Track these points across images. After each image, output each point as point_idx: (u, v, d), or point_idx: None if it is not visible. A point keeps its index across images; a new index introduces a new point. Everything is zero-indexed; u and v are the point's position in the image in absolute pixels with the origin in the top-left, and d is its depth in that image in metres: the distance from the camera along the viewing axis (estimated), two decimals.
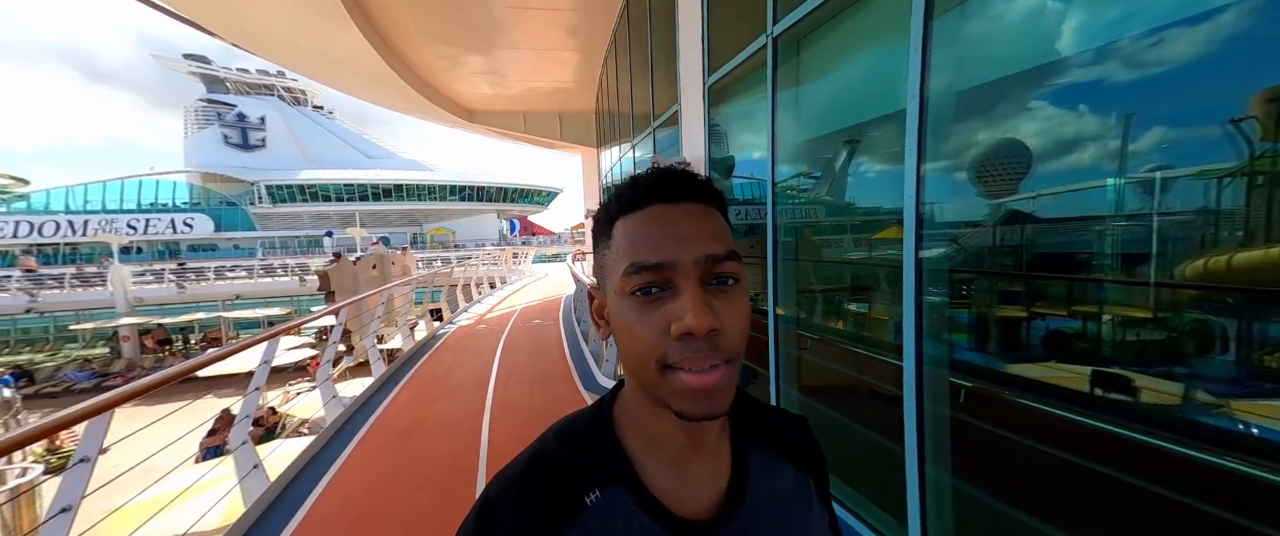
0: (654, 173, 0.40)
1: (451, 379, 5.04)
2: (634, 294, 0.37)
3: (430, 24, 6.50)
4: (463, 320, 8.44)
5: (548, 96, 9.75)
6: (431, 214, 41.32)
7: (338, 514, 2.53)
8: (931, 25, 1.47)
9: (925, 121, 1.48)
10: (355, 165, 41.17)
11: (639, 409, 0.41)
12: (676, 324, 0.35)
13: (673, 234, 0.37)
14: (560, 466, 0.41)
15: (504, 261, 15.34)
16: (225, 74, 41.82)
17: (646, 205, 0.39)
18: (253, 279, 17.75)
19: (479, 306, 9.92)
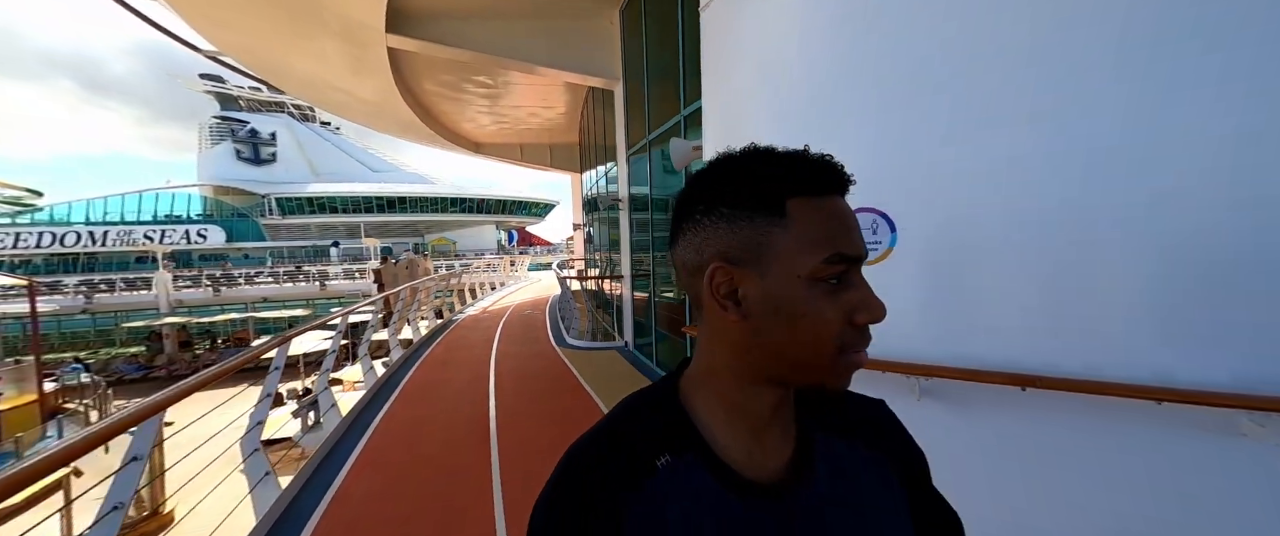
0: (821, 158, 0.39)
1: (469, 339, 7.31)
2: (823, 281, 0.37)
3: (450, 82, 8.72)
4: (470, 311, 10.63)
5: (540, 133, 12.04)
6: (433, 225, 43.47)
7: (397, 432, 4.70)
8: (655, 149, 3.67)
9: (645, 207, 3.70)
10: (361, 178, 43.38)
11: (727, 384, 0.42)
12: (865, 313, 0.37)
13: (855, 227, 0.38)
14: (633, 432, 0.43)
15: (502, 268, 17.49)
16: (238, 92, 44.17)
17: (827, 193, 0.38)
18: (278, 284, 19.82)
19: (483, 302, 12.13)
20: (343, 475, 3.07)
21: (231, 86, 43.95)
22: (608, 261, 8.68)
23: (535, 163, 13.19)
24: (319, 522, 2.54)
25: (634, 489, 0.40)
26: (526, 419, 3.99)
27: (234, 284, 19.41)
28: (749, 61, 2.28)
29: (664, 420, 0.43)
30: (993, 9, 1.55)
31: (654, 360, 5.53)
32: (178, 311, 18.17)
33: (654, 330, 5.73)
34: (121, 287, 18.27)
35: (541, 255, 40.24)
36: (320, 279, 20.01)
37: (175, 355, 17.55)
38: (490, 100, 9.56)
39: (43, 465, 1.28)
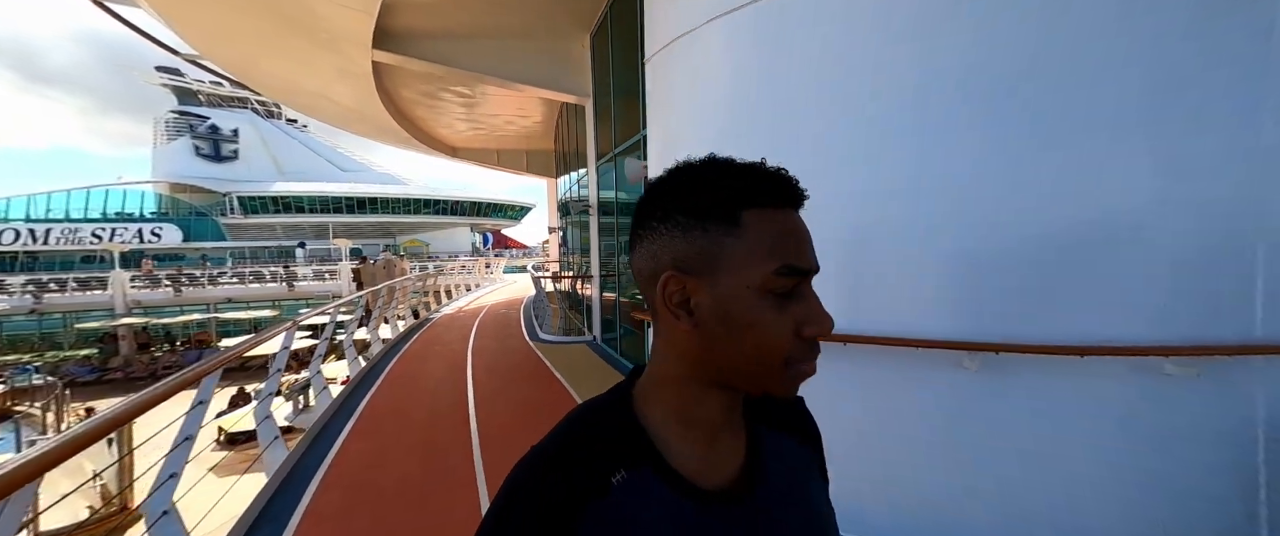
0: (777, 171, 0.39)
1: (446, 336, 7.72)
2: (773, 292, 0.37)
3: (429, 91, 9.11)
4: (446, 310, 10.96)
5: (517, 139, 12.49)
6: (405, 226, 42.81)
7: (384, 410, 5.14)
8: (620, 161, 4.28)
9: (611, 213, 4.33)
10: (329, 178, 42.36)
11: (680, 392, 0.41)
12: (812, 327, 0.37)
13: (808, 240, 0.39)
14: (584, 449, 0.41)
15: (477, 270, 17.73)
16: (197, 87, 42.48)
17: (780, 205, 0.38)
18: (244, 284, 19.40)
19: (458, 302, 12.45)
20: (339, 443, 3.53)
21: (190, 80, 42.19)
22: (580, 263, 9.23)
23: (512, 167, 13.62)
24: (323, 477, 3.01)
25: (586, 514, 0.38)
26: (502, 400, 4.51)
27: (196, 284, 18.90)
28: (680, 102, 2.92)
29: (618, 432, 0.42)
30: (841, 88, 2.23)
31: (618, 351, 6.11)
32: (134, 312, 17.57)
33: (619, 326, 6.32)
34: (73, 287, 17.54)
35: (518, 258, 40.24)
36: (288, 280, 19.70)
37: (132, 357, 16.96)
38: (468, 108, 9.99)
39: (100, 426, 1.51)
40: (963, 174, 1.97)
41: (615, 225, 6.33)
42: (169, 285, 18.10)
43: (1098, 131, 1.82)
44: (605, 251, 6.80)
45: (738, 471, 0.43)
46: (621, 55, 5.67)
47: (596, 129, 6.79)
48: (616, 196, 6.29)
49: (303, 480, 2.96)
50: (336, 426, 3.87)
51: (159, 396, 1.81)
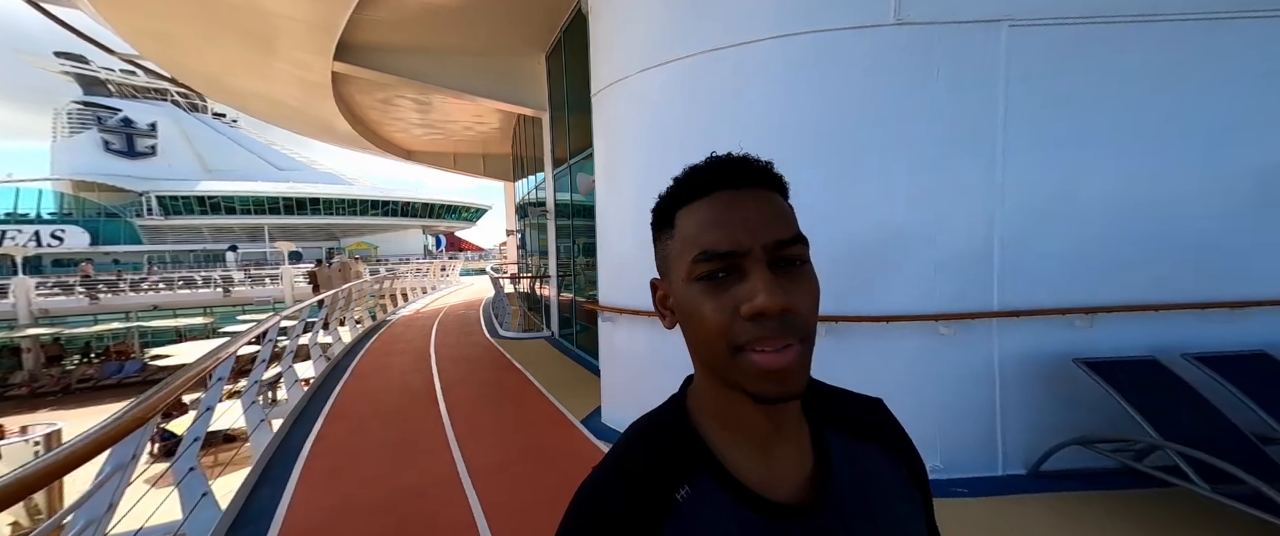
0: (714, 159, 0.40)
1: (407, 334, 7.99)
2: (701, 280, 0.38)
3: (385, 97, 9.27)
4: (404, 313, 11.07)
5: (474, 143, 12.72)
6: (350, 228, 40.90)
7: (356, 396, 5.49)
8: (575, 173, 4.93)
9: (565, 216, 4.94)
10: (264, 177, 39.76)
11: (715, 397, 0.41)
12: (747, 304, 0.35)
13: (740, 220, 0.37)
14: (646, 466, 0.41)
15: (432, 273, 17.63)
16: (107, 76, 38.55)
17: (710, 193, 0.39)
18: (172, 290, 18.11)
19: (415, 304, 12.51)
20: (319, 424, 3.93)
21: (97, 68, 38.22)
22: (538, 265, 9.71)
23: (469, 171, 13.82)
24: (310, 450, 3.43)
25: (656, 532, 0.38)
26: (467, 386, 5.00)
27: (116, 291, 17.44)
28: (618, 131, 3.61)
29: (674, 443, 0.42)
30: (737, 125, 2.98)
31: (575, 345, 6.70)
32: (41, 322, 16.02)
33: (575, 323, 6.91)
34: None
35: (474, 261, 39.50)
36: (225, 284, 18.62)
37: (39, 371, 15.45)
38: (424, 113, 10.20)
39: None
40: (811, 195, 2.78)
41: (571, 228, 6.92)
42: (83, 292, 16.62)
43: (896, 171, 2.68)
44: (563, 253, 7.37)
45: (805, 481, 0.41)
46: (576, 75, 6.26)
47: (553, 139, 7.36)
48: (572, 201, 6.88)
49: (290, 455, 3.38)
50: (313, 411, 4.24)
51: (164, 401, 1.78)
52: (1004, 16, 2.61)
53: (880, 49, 2.68)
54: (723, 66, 2.96)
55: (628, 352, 3.60)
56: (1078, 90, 2.64)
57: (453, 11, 5.84)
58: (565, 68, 6.54)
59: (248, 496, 2.81)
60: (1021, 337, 2.70)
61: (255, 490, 2.90)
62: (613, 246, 3.73)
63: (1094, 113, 2.65)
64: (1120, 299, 2.66)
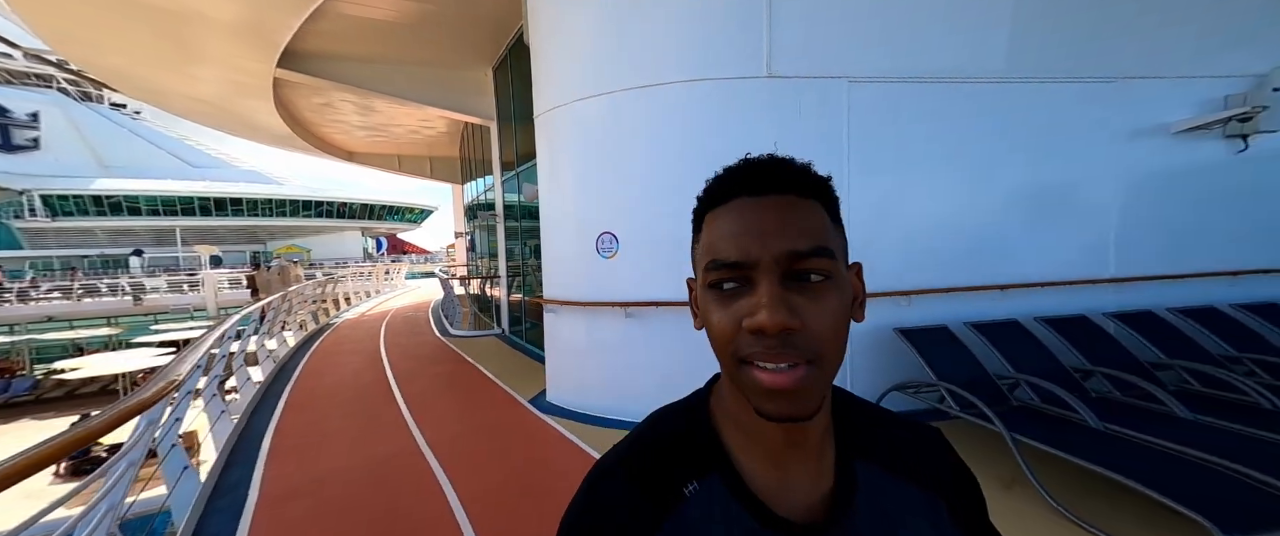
0: (742, 164, 0.40)
1: (354, 335, 8.10)
2: (713, 287, 0.38)
3: (326, 101, 9.22)
4: (348, 316, 10.95)
5: (420, 145, 12.71)
6: (278, 230, 38.15)
7: (310, 391, 5.70)
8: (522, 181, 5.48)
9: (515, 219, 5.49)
10: (174, 174, 36.14)
11: (734, 402, 0.41)
12: (749, 319, 0.35)
13: (754, 230, 0.37)
14: (660, 454, 0.42)
15: (375, 276, 17.19)
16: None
17: (731, 199, 0.39)
18: (71, 300, 16.32)
19: (359, 308, 12.32)
20: (276, 416, 4.21)
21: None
22: (489, 266, 10.02)
23: (414, 173, 13.74)
24: (272, 437, 3.76)
25: (661, 519, 0.39)
26: (420, 378, 5.38)
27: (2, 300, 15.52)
28: (557, 149, 4.21)
29: (691, 438, 0.42)
30: (658, 147, 3.68)
31: (525, 340, 7.18)
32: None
33: (525, 320, 7.38)
34: None
35: (419, 263, 38.10)
36: (134, 292, 17.08)
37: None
38: (367, 115, 10.18)
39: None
40: None
41: (520, 230, 7.39)
42: None
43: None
44: (512, 255, 7.81)
45: (818, 503, 0.40)
46: (522, 89, 6.74)
47: (501, 146, 7.79)
48: (521, 205, 7.35)
49: (252, 442, 3.68)
50: (268, 406, 4.49)
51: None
52: (845, 75, 3.50)
53: (758, 94, 3.48)
54: (642, 101, 3.66)
55: (568, 340, 4.21)
56: (897, 130, 3.58)
57: (400, 26, 6.16)
58: (512, 82, 7.02)
59: (220, 473, 3.15)
60: (865, 315, 3.59)
61: (225, 470, 3.23)
62: (555, 248, 4.33)
63: (908, 146, 3.60)
64: (928, 284, 3.63)
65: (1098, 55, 3.70)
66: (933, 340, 3.34)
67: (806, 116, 3.49)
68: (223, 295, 18.20)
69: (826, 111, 3.51)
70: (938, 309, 3.64)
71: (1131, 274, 3.86)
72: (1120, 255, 3.87)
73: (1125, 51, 3.73)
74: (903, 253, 3.64)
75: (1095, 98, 3.75)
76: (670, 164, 3.62)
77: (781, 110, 3.48)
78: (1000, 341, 3.31)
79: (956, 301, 3.65)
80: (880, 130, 3.56)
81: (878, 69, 3.52)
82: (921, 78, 3.56)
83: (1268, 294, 3.92)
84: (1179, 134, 3.85)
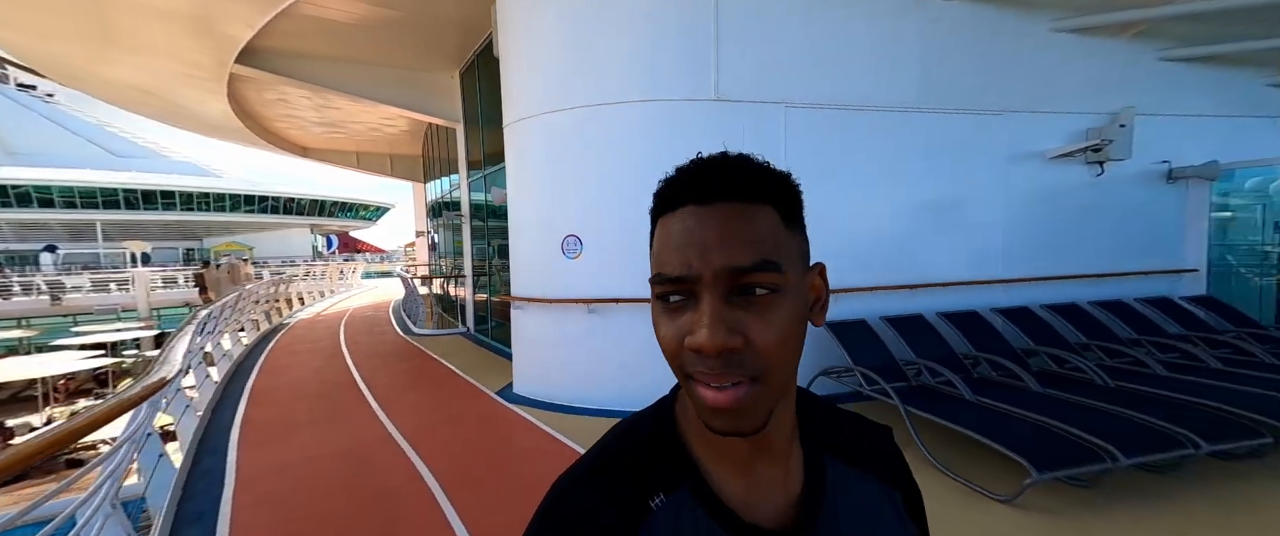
0: (692, 165, 0.38)
1: (310, 335, 7.99)
2: (660, 299, 0.37)
3: (281, 96, 8.98)
4: (302, 315, 10.65)
5: (380, 142, 12.47)
6: (216, 226, 35.67)
7: (272, 388, 5.70)
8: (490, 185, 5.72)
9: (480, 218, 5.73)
10: (94, 164, 33.09)
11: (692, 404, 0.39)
12: (690, 338, 0.34)
13: (696, 242, 0.35)
14: (625, 467, 0.40)
15: (329, 276, 16.61)
16: None
17: (680, 206, 0.37)
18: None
19: (313, 308, 11.96)
20: (241, 410, 4.26)
21: None
22: (452, 266, 10.04)
23: (374, 170, 13.46)
24: (240, 429, 3.84)
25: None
26: (385, 373, 5.50)
27: None
28: (524, 157, 4.51)
29: (657, 449, 0.41)
30: (610, 159, 4.05)
31: (490, 338, 7.36)
32: None
33: (490, 319, 7.55)
34: None
35: (377, 263, 36.64)
36: (52, 291, 15.68)
37: None
38: (324, 112, 9.98)
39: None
40: None
41: (486, 230, 7.55)
42: None
43: None
44: (478, 254, 7.96)
45: (789, 505, 0.40)
46: (489, 94, 6.92)
47: (467, 150, 7.93)
48: (487, 205, 7.52)
49: (220, 434, 3.76)
50: (230, 402, 4.52)
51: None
52: (783, 101, 4.01)
53: (708, 114, 3.93)
54: (604, 117, 4.03)
55: (535, 334, 4.51)
56: (826, 149, 4.13)
57: (364, 28, 6.22)
58: (480, 87, 7.20)
59: (193, 460, 3.26)
60: None
61: (197, 457, 3.33)
62: (523, 250, 4.62)
63: (836, 164, 4.16)
64: (853, 284, 4.20)
65: (988, 92, 4.41)
66: (853, 332, 3.90)
67: (749, 135, 3.97)
68: (157, 295, 17.01)
69: (766, 131, 4.01)
70: (859, 305, 4.21)
71: (1015, 276, 4.61)
72: (1006, 260, 4.60)
73: (1010, 90, 4.46)
74: (832, 256, 4.09)
75: (986, 127, 4.46)
76: (629, 174, 4.01)
77: (728, 129, 3.94)
78: (907, 332, 3.91)
79: (875, 298, 4.24)
80: (812, 149, 4.09)
81: (811, 97, 4.05)
82: (847, 106, 4.13)
83: (1117, 293, 4.78)
84: (1051, 159, 4.63)
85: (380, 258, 41.88)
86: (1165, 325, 4.36)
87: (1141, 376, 3.42)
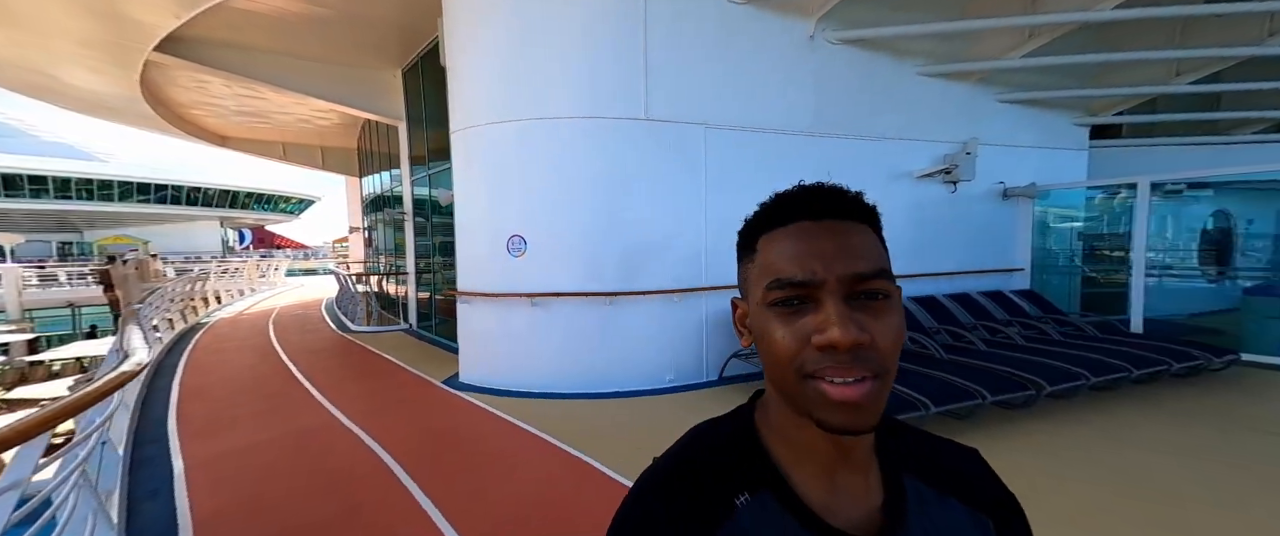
0: (799, 189, 0.42)
1: (235, 334, 7.66)
2: (775, 305, 0.39)
3: (201, 83, 8.41)
4: (223, 314, 10.01)
5: (311, 134, 11.89)
6: (102, 217, 31.41)
7: (203, 384, 5.55)
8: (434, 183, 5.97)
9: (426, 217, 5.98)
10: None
11: (783, 418, 0.42)
12: (819, 336, 0.36)
13: (816, 251, 0.38)
14: (708, 467, 0.42)
15: (247, 273, 15.46)
16: None
17: (791, 222, 0.41)
18: None
19: (234, 306, 11.21)
20: (174, 404, 4.24)
21: None
22: (392, 263, 9.91)
23: (303, 163, 12.78)
24: (177, 421, 3.87)
25: (711, 531, 0.39)
26: (325, 368, 5.54)
27: None
28: (469, 162, 4.85)
29: (739, 452, 0.43)
30: (554, 168, 4.51)
31: (434, 334, 7.48)
32: None
33: (434, 316, 7.67)
34: None
35: (300, 260, 33.93)
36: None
37: None
38: (248, 101, 9.46)
39: None
40: (602, 214, 4.48)
41: (429, 226, 7.65)
42: None
43: (653, 204, 4.54)
44: (421, 252, 8.02)
45: (868, 517, 0.41)
46: (434, 93, 6.99)
47: (411, 148, 7.96)
48: (430, 202, 7.62)
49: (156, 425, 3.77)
50: (159, 396, 4.45)
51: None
52: (703, 122, 4.67)
53: (639, 132, 4.50)
54: (545, 130, 4.48)
55: (481, 326, 4.86)
56: (739, 164, 4.85)
57: (295, 23, 6.14)
58: (424, 88, 7.29)
59: (132, 450, 3.32)
60: (716, 301, 4.81)
61: (135, 447, 3.39)
62: (469, 248, 4.95)
63: (750, 177, 4.89)
64: None
65: (870, 122, 5.37)
66: None
67: (674, 150, 4.60)
68: (30, 294, 14.96)
69: (689, 147, 4.66)
70: None
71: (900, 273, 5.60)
72: (897, 261, 5.58)
73: (886, 120, 5.45)
74: None
75: (869, 151, 5.42)
76: (569, 181, 4.50)
77: (656, 145, 4.54)
78: None
79: None
80: (730, 164, 4.80)
81: (726, 120, 4.75)
82: (757, 128, 4.88)
83: (964, 287, 5.96)
84: (918, 179, 5.69)
85: (303, 254, 38.81)
86: (995, 312, 5.55)
87: (968, 351, 4.45)
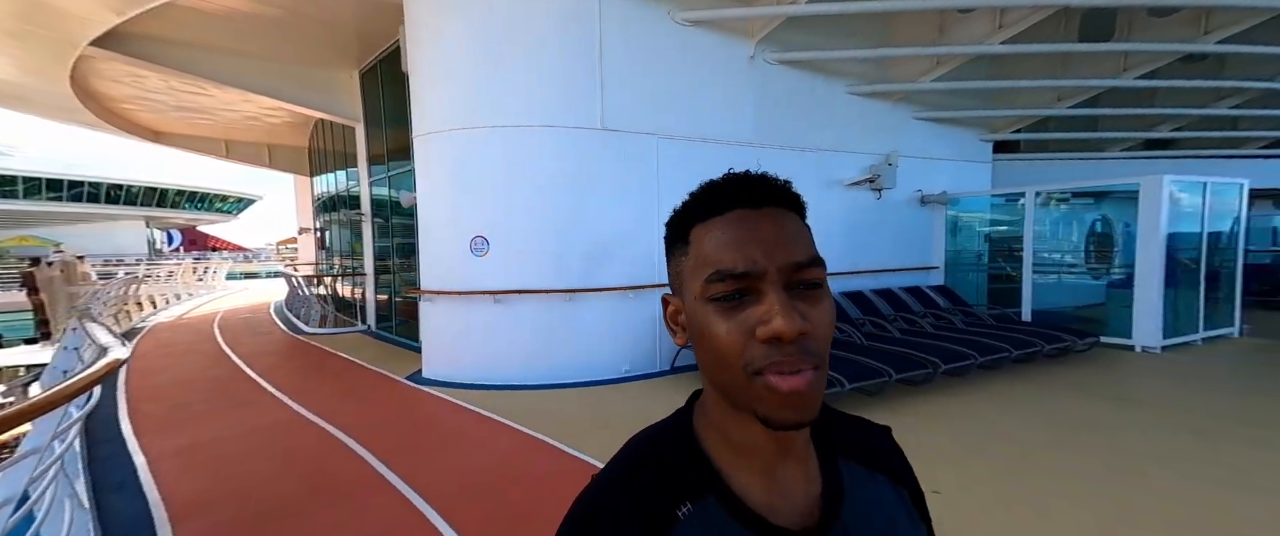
0: (734, 176, 0.41)
1: (178, 339, 7.38)
2: (715, 300, 0.37)
3: (136, 74, 7.98)
4: (162, 318, 9.49)
5: (258, 132, 11.40)
6: (8, 217, 28.27)
7: (153, 386, 5.40)
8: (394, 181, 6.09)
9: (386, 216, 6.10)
10: None
11: (723, 417, 0.41)
12: (763, 328, 0.35)
13: (756, 240, 0.37)
14: (648, 478, 0.42)
15: (182, 276, 14.56)
16: None
17: (727, 211, 0.39)
18: None
19: (173, 309, 10.61)
20: (123, 405, 4.18)
21: None
22: (346, 264, 9.73)
23: (248, 160, 12.23)
24: (132, 420, 3.85)
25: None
26: (283, 368, 5.53)
27: None
28: (429, 166, 5.05)
29: (679, 459, 0.42)
30: (512, 172, 4.79)
31: (393, 334, 7.49)
32: None
33: (394, 316, 7.67)
34: None
35: (241, 262, 31.81)
36: None
37: None
38: (188, 96, 9.04)
39: None
40: (562, 216, 4.81)
41: (389, 227, 7.65)
42: None
43: (611, 206, 4.90)
44: (380, 253, 7.99)
45: (811, 508, 0.42)
46: (392, 94, 7.02)
47: (369, 149, 7.93)
48: (390, 203, 7.64)
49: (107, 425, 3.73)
50: (107, 399, 4.37)
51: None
52: (655, 132, 5.10)
53: (596, 140, 4.86)
54: (506, 137, 4.76)
55: (444, 323, 5.06)
56: (688, 172, 5.29)
57: (244, 21, 6.03)
58: (382, 88, 7.33)
59: (88, 447, 3.33)
60: None
61: (91, 444, 3.37)
62: (432, 248, 5.13)
63: (692, 182, 5.26)
64: None
65: (804, 134, 5.98)
66: None
67: (629, 159, 4.99)
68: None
69: (642, 156, 5.07)
70: None
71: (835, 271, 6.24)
72: (831, 260, 6.21)
73: (819, 134, 6.08)
74: None
75: (804, 161, 6.03)
76: (528, 185, 4.79)
77: (612, 153, 4.92)
78: None
79: None
80: (680, 172, 5.24)
81: (676, 131, 5.20)
82: (703, 139, 5.35)
83: (888, 283, 6.70)
84: (848, 187, 6.38)
85: (242, 257, 36.38)
86: (913, 305, 6.30)
87: (885, 338, 5.10)
